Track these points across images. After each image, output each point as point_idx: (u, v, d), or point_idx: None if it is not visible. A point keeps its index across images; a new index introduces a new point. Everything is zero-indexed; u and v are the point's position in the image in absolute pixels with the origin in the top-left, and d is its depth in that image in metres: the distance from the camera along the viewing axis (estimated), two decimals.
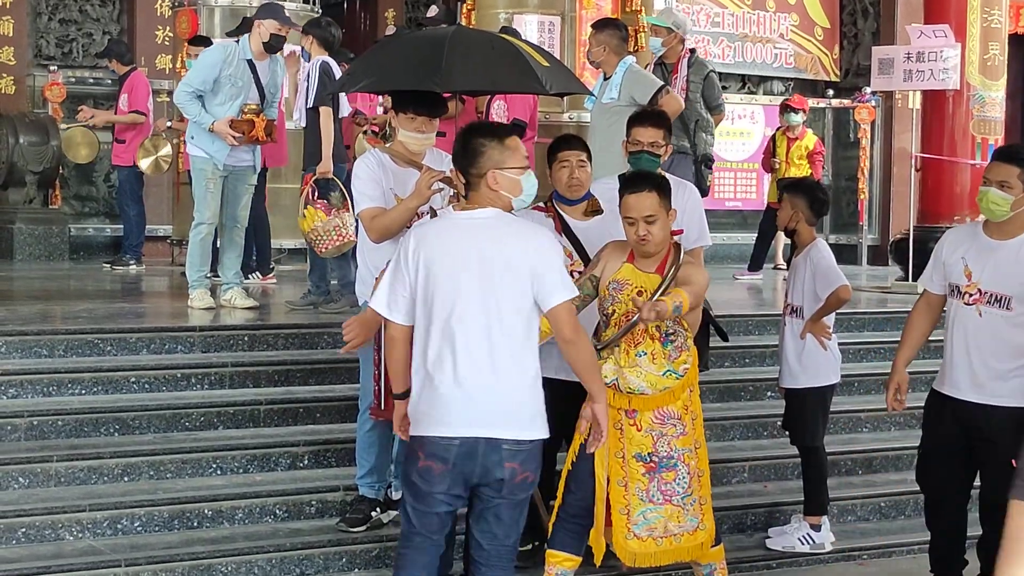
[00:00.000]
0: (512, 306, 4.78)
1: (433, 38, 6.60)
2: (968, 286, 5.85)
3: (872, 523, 7.78)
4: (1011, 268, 5.77)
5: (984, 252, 5.86)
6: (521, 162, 4.99)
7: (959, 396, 5.90)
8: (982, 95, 12.68)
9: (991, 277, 5.80)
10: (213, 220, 9.06)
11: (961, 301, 5.89)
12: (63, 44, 13.68)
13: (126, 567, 6.10)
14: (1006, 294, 5.77)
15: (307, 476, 7.06)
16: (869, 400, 8.91)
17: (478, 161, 4.94)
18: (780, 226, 7.33)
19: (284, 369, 7.81)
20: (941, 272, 6.02)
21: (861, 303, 10.80)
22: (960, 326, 5.90)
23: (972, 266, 5.86)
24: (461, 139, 5.05)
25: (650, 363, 5.66)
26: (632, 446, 5.71)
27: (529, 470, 4.83)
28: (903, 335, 6.27)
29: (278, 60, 9.53)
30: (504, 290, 4.77)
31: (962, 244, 5.97)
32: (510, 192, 4.95)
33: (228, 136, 8.90)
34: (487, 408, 4.76)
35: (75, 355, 7.56)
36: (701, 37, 15.49)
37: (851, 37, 16.81)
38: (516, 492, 4.86)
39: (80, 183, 13.65)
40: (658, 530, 5.74)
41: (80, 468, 6.69)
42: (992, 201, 5.76)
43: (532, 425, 4.85)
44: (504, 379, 4.77)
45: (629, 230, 5.66)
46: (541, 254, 4.82)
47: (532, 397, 4.86)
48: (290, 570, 6.41)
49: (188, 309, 8.92)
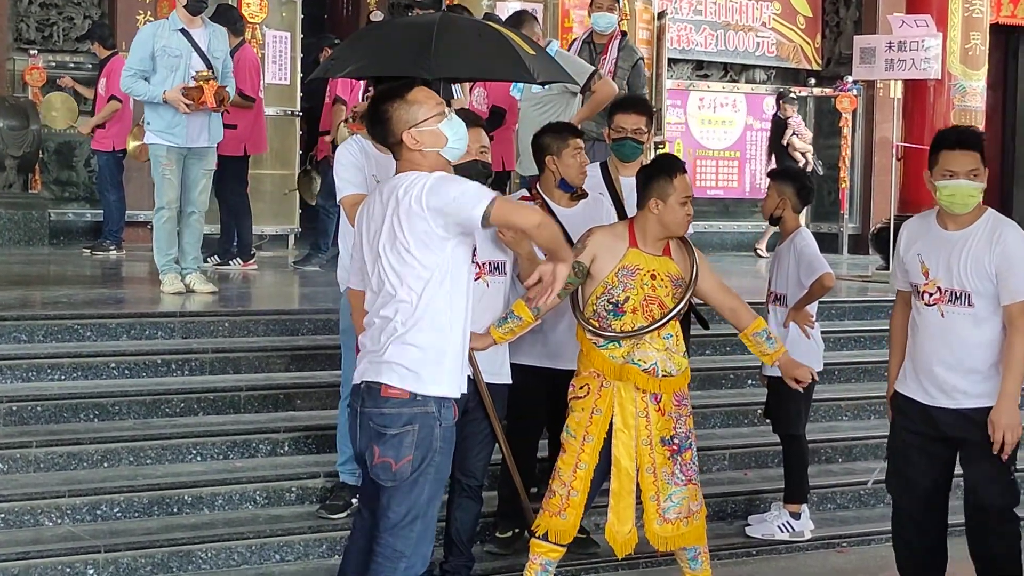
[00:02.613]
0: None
1: (420, 24, 6.58)
2: (927, 284, 5.51)
3: (852, 511, 7.80)
4: (967, 260, 5.41)
5: (939, 246, 5.50)
6: (433, 110, 4.74)
7: (932, 403, 5.55)
8: (963, 85, 12.71)
9: (948, 272, 5.45)
10: (174, 205, 9.10)
11: (922, 302, 5.54)
12: (43, 28, 13.57)
13: (105, 553, 6.09)
14: (964, 290, 5.42)
15: (287, 463, 7.04)
16: (849, 388, 8.94)
17: (389, 128, 4.73)
18: (765, 214, 7.32)
19: (265, 355, 7.79)
20: (903, 268, 5.69)
21: (842, 292, 10.82)
22: (924, 330, 5.55)
23: (928, 262, 5.52)
24: (367, 114, 4.90)
25: (675, 345, 5.81)
26: (657, 431, 5.79)
27: None
28: (890, 345, 5.91)
29: (218, 28, 9.58)
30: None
31: (917, 239, 5.62)
32: (434, 145, 4.73)
33: (180, 103, 8.94)
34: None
35: (55, 340, 7.53)
36: (683, 25, 15.47)
37: (833, 26, 16.81)
38: None
39: (60, 168, 13.57)
40: (683, 511, 5.83)
41: (59, 454, 6.66)
42: (968, 194, 5.40)
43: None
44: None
45: (681, 210, 5.74)
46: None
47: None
48: (269, 556, 6.40)
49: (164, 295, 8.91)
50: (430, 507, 4.78)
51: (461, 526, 6.08)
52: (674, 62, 15.15)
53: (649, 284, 5.72)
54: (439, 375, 4.68)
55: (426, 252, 4.63)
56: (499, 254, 5.86)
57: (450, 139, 4.76)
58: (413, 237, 4.62)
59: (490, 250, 5.82)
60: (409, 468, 4.67)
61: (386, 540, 4.75)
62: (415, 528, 4.75)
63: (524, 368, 6.23)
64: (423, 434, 4.67)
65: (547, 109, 8.20)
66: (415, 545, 4.76)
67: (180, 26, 9.20)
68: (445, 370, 4.70)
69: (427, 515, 4.78)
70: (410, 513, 4.73)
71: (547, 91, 8.21)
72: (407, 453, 4.66)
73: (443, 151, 4.77)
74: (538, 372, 6.27)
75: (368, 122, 4.88)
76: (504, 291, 5.93)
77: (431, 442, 4.69)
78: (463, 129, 4.84)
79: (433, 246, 4.63)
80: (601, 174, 6.87)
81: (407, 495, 4.71)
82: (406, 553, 4.75)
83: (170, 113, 9.02)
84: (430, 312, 4.65)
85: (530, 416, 6.47)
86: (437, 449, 4.72)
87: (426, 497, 4.75)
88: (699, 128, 15.76)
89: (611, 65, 9.21)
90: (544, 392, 6.34)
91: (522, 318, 5.74)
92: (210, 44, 9.31)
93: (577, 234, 6.10)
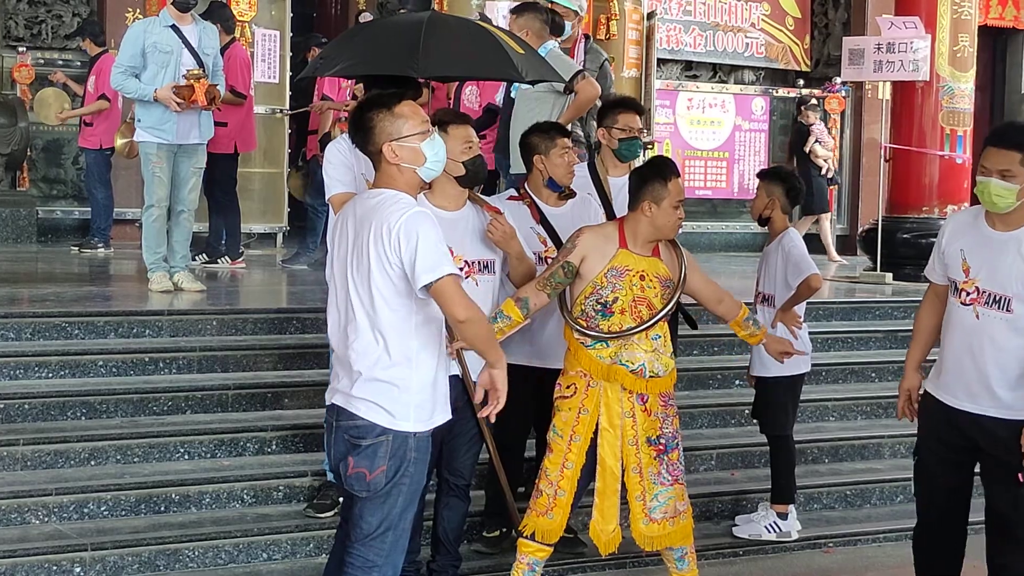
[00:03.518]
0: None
1: (409, 23, 6.56)
2: (965, 283, 5.26)
3: (838, 511, 7.82)
4: (1011, 264, 5.15)
5: (984, 245, 5.25)
6: (418, 128, 4.72)
7: (955, 405, 5.32)
8: (951, 86, 12.73)
9: (990, 274, 5.20)
10: (163, 202, 9.09)
11: (958, 300, 5.30)
12: (32, 25, 13.55)
13: (92, 551, 6.08)
14: (1005, 294, 5.16)
15: (275, 461, 7.04)
16: (836, 389, 8.95)
17: (371, 137, 4.71)
18: (754, 214, 7.31)
19: (252, 354, 7.78)
20: (942, 262, 5.43)
21: (830, 293, 10.84)
22: (957, 328, 5.32)
23: (970, 260, 5.27)
24: (352, 119, 4.89)
25: (663, 346, 5.84)
26: (644, 431, 5.81)
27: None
28: (914, 333, 5.71)
29: (209, 26, 9.58)
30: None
31: (962, 234, 5.36)
32: (412, 163, 4.70)
33: (171, 101, 8.93)
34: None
35: (42, 338, 7.51)
36: (672, 25, 15.50)
37: (822, 27, 16.85)
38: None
39: (48, 165, 13.55)
40: (670, 511, 5.85)
41: (47, 452, 6.65)
42: (995, 193, 5.14)
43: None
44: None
45: (674, 214, 5.75)
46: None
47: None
48: (257, 555, 6.40)
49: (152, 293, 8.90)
50: (403, 518, 4.80)
51: (448, 525, 6.08)
52: (663, 62, 15.17)
53: (638, 285, 5.74)
54: (407, 411, 4.69)
55: (392, 286, 4.62)
56: (488, 253, 5.86)
57: (428, 159, 4.74)
58: (379, 270, 4.61)
59: (479, 249, 5.82)
60: (383, 479, 4.69)
61: (358, 551, 4.78)
62: (387, 539, 4.77)
63: (511, 367, 6.18)
64: (397, 444, 4.68)
65: (534, 107, 8.18)
66: (387, 555, 4.78)
67: (171, 22, 9.19)
68: (414, 404, 4.71)
69: (399, 526, 4.79)
70: (383, 524, 4.75)
71: (536, 89, 8.20)
72: (381, 463, 4.67)
73: (419, 169, 4.74)
74: (525, 371, 6.27)
75: (351, 126, 4.88)
76: (493, 290, 5.93)
77: (405, 452, 4.70)
78: (443, 152, 4.84)
79: (400, 281, 4.62)
80: (589, 174, 6.87)
81: (380, 506, 4.73)
82: (378, 563, 4.77)
83: (160, 110, 9.01)
84: (397, 346, 4.65)
85: (517, 415, 6.46)
86: (411, 460, 4.72)
87: (399, 508, 4.77)
88: (688, 128, 15.78)
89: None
90: (531, 391, 6.34)
91: (511, 317, 5.75)
92: (201, 41, 9.29)
93: (565, 233, 6.11)
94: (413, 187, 4.76)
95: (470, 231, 5.82)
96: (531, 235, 6.29)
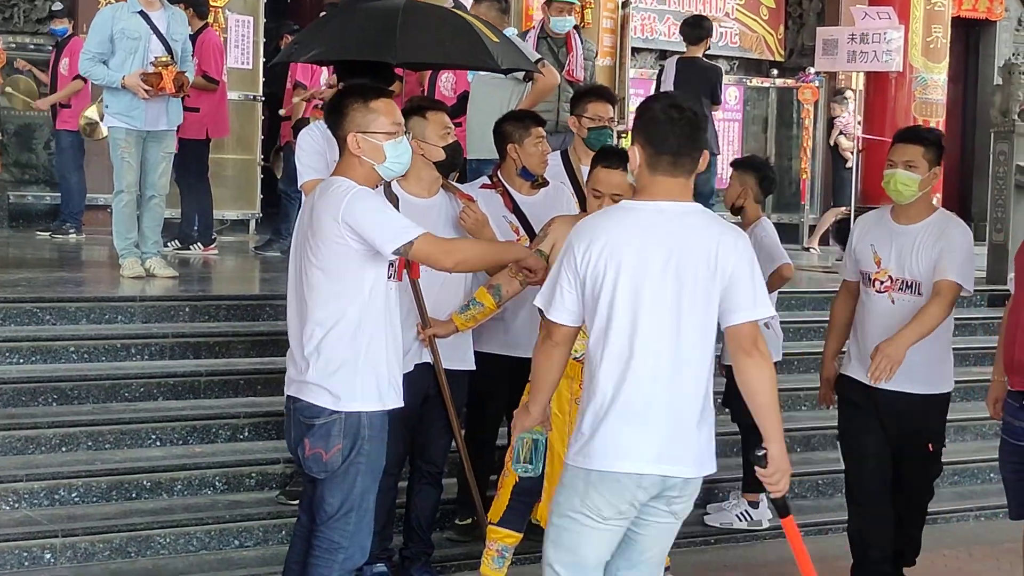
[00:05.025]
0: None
1: (384, 9, 6.55)
2: (878, 273, 5.84)
3: (809, 500, 7.85)
4: (917, 253, 5.75)
5: (891, 237, 5.84)
6: (388, 127, 4.78)
7: (876, 385, 5.75)
8: (924, 77, 12.81)
9: (899, 263, 5.79)
10: (133, 188, 9.06)
11: (872, 289, 5.87)
12: (4, 9, 13.45)
13: (63, 537, 6.07)
14: (916, 280, 5.75)
15: (247, 448, 7.03)
16: (808, 379, 8.92)
17: (342, 123, 4.77)
18: (727, 203, 7.32)
19: (225, 340, 7.76)
20: (854, 259, 6.01)
21: (802, 282, 10.86)
22: (873, 315, 5.87)
23: (881, 252, 5.85)
24: (330, 101, 4.94)
25: None
26: None
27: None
28: (829, 326, 6.28)
29: (177, 11, 9.53)
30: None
31: (871, 230, 5.96)
32: (372, 158, 4.76)
33: (139, 88, 8.89)
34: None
35: (13, 324, 7.47)
36: (647, 14, 15.49)
37: (796, 17, 16.85)
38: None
39: (20, 150, 13.46)
40: None
41: (17, 438, 6.63)
42: (900, 182, 5.75)
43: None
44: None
45: (594, 203, 5.60)
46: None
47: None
48: (229, 542, 6.39)
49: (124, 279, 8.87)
50: (364, 499, 4.84)
51: (420, 513, 6.09)
52: (637, 51, 15.16)
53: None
54: (354, 391, 4.74)
55: (338, 265, 4.68)
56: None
57: (389, 159, 4.80)
58: (326, 249, 4.67)
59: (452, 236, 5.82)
60: (340, 457, 4.74)
61: (323, 533, 4.83)
62: (351, 520, 4.81)
63: (485, 356, 6.24)
64: (351, 421, 4.74)
65: (492, 93, 8.19)
66: (351, 536, 4.83)
67: (139, 8, 9.13)
68: (361, 386, 4.75)
69: (362, 507, 4.84)
70: (344, 505, 4.79)
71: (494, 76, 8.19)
72: (336, 442, 4.73)
73: (378, 166, 4.80)
74: (499, 360, 6.28)
75: (326, 107, 4.92)
76: (466, 278, 5.93)
77: (359, 430, 4.75)
78: (407, 156, 4.89)
79: (346, 260, 4.67)
80: (562, 162, 6.87)
81: (340, 486, 4.78)
82: (343, 545, 4.82)
83: (128, 96, 8.96)
84: (343, 327, 4.71)
85: (490, 403, 6.47)
86: (365, 437, 4.77)
87: (360, 488, 4.82)
88: None
89: (581, 59, 9.23)
90: (505, 380, 6.34)
91: (484, 305, 5.75)
92: (169, 27, 9.24)
93: (537, 222, 6.11)
94: (370, 181, 4.82)
95: (443, 218, 5.82)
96: (503, 223, 6.28)
